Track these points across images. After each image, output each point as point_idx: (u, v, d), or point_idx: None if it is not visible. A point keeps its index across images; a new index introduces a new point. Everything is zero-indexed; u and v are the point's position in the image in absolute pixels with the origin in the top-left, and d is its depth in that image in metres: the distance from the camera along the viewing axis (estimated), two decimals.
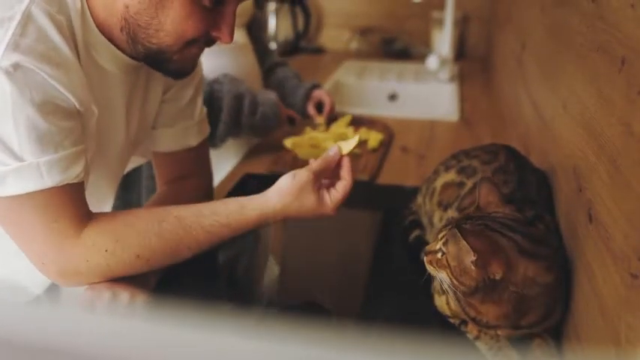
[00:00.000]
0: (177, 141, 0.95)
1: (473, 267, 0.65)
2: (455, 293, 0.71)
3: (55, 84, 0.66)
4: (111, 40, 0.74)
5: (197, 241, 0.77)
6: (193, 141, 0.96)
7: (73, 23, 0.70)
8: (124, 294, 0.74)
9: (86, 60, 0.73)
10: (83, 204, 0.74)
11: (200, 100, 0.97)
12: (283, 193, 0.80)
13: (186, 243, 0.76)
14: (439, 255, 0.70)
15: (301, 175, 0.81)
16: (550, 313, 0.70)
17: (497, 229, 0.68)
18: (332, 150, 0.85)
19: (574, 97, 0.82)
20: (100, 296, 0.74)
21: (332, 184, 0.84)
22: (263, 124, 1.38)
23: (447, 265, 0.68)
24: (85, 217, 0.73)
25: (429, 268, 0.72)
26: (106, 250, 0.72)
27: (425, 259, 0.73)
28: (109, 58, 0.76)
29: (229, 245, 1.02)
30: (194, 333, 0.23)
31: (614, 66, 0.62)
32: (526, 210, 0.78)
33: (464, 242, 0.65)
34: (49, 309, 0.24)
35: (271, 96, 1.42)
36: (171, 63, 0.76)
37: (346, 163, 0.85)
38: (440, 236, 0.71)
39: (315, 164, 0.83)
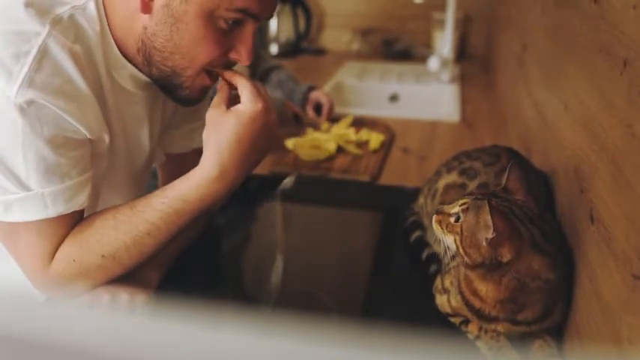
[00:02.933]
0: (184, 142, 0.95)
1: (485, 243, 0.66)
2: (459, 285, 0.71)
3: (67, 117, 0.66)
4: (129, 59, 0.74)
5: (155, 225, 0.72)
6: (199, 142, 0.96)
7: (92, 49, 0.70)
8: (124, 295, 0.75)
9: (109, 84, 0.73)
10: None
11: (208, 101, 0.97)
12: (205, 138, 0.74)
13: (143, 229, 0.72)
14: (452, 219, 0.70)
15: (208, 113, 0.74)
16: (549, 312, 0.70)
17: (520, 216, 0.69)
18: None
19: (575, 98, 0.82)
20: (100, 299, 0.74)
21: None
22: None
23: (459, 233, 0.69)
24: None
25: (436, 228, 0.72)
26: (74, 260, 0.72)
27: (434, 217, 0.73)
28: (128, 79, 0.76)
29: (236, 243, 1.02)
30: (200, 331, 0.23)
31: (615, 67, 0.63)
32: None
33: (488, 217, 0.65)
34: (53, 308, 0.24)
35: (276, 94, 1.43)
36: (182, 90, 0.75)
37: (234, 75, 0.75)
38: (460, 202, 0.71)
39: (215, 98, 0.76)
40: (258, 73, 1.66)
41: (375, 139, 1.48)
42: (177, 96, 0.77)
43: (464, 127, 1.69)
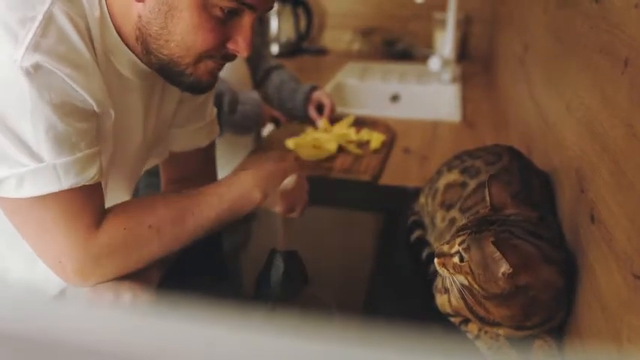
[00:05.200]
0: (189, 141, 0.95)
1: (502, 276, 0.64)
2: (462, 295, 0.71)
3: (73, 85, 0.66)
4: (129, 47, 0.74)
5: (198, 205, 0.78)
6: (204, 142, 0.97)
7: (90, 28, 0.70)
8: (127, 294, 0.74)
9: (105, 65, 0.73)
10: (100, 201, 0.74)
11: (211, 101, 0.97)
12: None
13: (188, 207, 0.78)
14: (456, 259, 0.69)
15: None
16: (553, 315, 0.70)
17: (522, 236, 0.67)
18: None
19: (577, 98, 0.82)
20: (103, 297, 0.74)
21: None
22: (243, 122, 1.39)
23: (470, 272, 0.67)
24: (102, 212, 0.74)
25: (442, 271, 0.71)
26: (125, 229, 0.73)
27: (436, 260, 0.72)
28: (127, 65, 0.76)
29: (237, 242, 1.02)
30: (199, 329, 0.23)
31: (617, 67, 0.63)
32: (530, 212, 0.78)
33: (497, 253, 0.63)
34: (54, 307, 0.24)
35: (254, 95, 1.43)
36: (186, 77, 0.75)
37: None
38: (458, 241, 0.69)
39: None
40: (260, 73, 1.66)
41: (375, 139, 1.48)
42: (184, 84, 0.77)
43: (465, 127, 1.69)
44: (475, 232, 0.68)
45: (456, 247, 0.69)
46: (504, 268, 0.64)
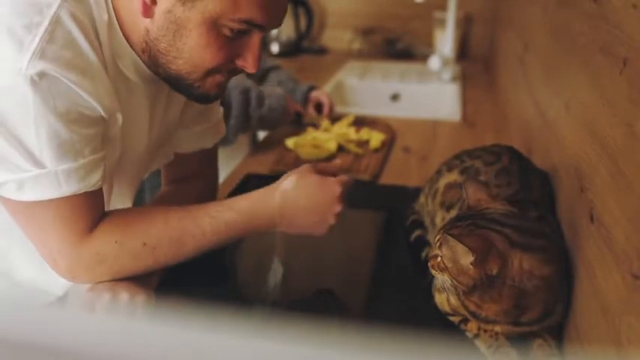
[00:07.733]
0: (194, 142, 0.95)
1: (470, 266, 0.66)
2: (456, 291, 0.71)
3: (80, 92, 0.66)
4: (136, 53, 0.74)
5: (202, 229, 0.76)
6: (209, 143, 0.96)
7: (98, 31, 0.70)
8: (124, 294, 0.74)
9: (112, 68, 0.73)
10: (100, 206, 0.75)
11: (217, 102, 0.97)
12: (283, 178, 0.82)
13: (190, 230, 0.76)
14: (438, 259, 0.71)
15: (300, 167, 0.83)
16: (550, 311, 0.70)
17: (486, 225, 0.69)
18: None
19: (576, 97, 0.82)
20: (101, 297, 0.74)
21: None
22: (270, 116, 1.40)
23: (445, 268, 0.70)
24: (100, 216, 0.74)
25: (433, 272, 0.73)
26: (116, 242, 0.73)
27: (429, 264, 0.74)
28: (133, 69, 0.75)
29: (234, 246, 1.02)
30: (198, 334, 0.23)
31: (616, 67, 0.63)
32: (529, 211, 0.78)
33: (460, 245, 0.66)
34: (50, 311, 0.24)
35: (277, 90, 1.44)
36: (194, 89, 0.75)
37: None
38: (436, 239, 0.73)
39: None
40: (258, 74, 1.65)
41: (375, 138, 1.48)
42: (192, 95, 0.77)
43: (465, 127, 1.69)
44: (447, 230, 0.71)
45: (437, 250, 0.72)
46: (470, 257, 0.66)
